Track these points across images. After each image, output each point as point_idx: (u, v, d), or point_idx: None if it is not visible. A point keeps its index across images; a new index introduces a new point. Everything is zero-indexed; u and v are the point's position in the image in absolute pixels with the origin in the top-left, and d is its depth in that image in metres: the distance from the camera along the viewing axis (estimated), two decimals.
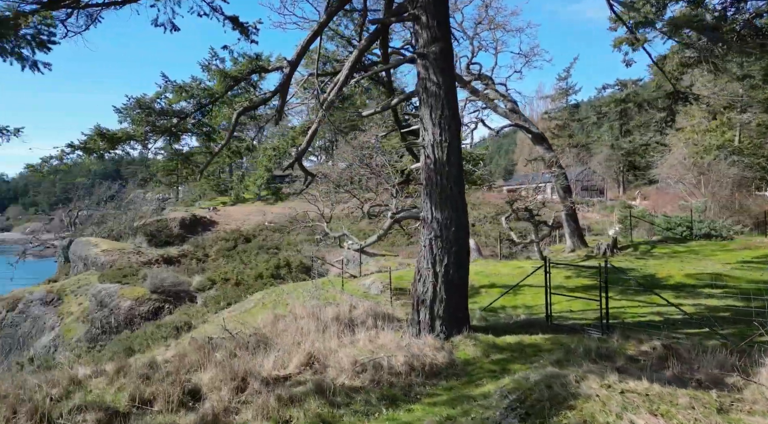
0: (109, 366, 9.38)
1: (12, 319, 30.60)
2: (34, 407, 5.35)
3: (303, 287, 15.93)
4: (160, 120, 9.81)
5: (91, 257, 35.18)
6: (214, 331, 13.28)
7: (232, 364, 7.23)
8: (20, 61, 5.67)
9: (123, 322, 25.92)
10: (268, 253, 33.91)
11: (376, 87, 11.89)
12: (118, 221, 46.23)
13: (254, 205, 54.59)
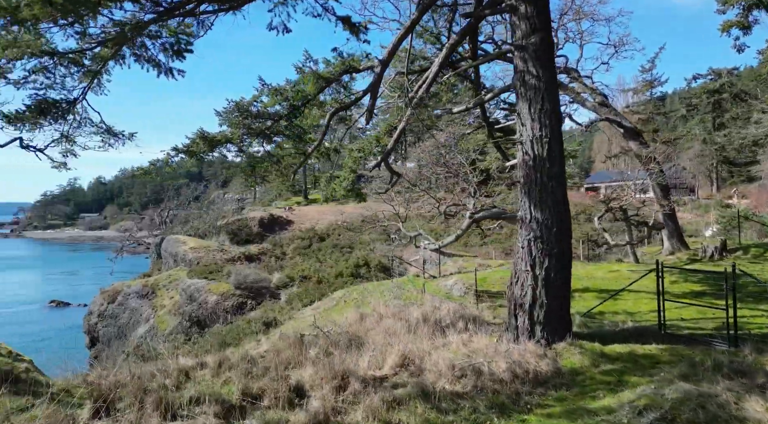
0: (209, 358, 9.83)
1: (113, 310, 33.43)
2: (159, 398, 5.63)
3: (383, 287, 15.96)
4: (255, 123, 10.13)
5: (180, 253, 37.67)
6: (301, 328, 13.62)
7: (330, 362, 7.29)
8: (156, 68, 6.07)
9: (210, 316, 27.46)
10: (341, 252, 34.58)
11: (463, 83, 11.64)
12: (203, 220, 49.14)
13: (327, 205, 55.97)
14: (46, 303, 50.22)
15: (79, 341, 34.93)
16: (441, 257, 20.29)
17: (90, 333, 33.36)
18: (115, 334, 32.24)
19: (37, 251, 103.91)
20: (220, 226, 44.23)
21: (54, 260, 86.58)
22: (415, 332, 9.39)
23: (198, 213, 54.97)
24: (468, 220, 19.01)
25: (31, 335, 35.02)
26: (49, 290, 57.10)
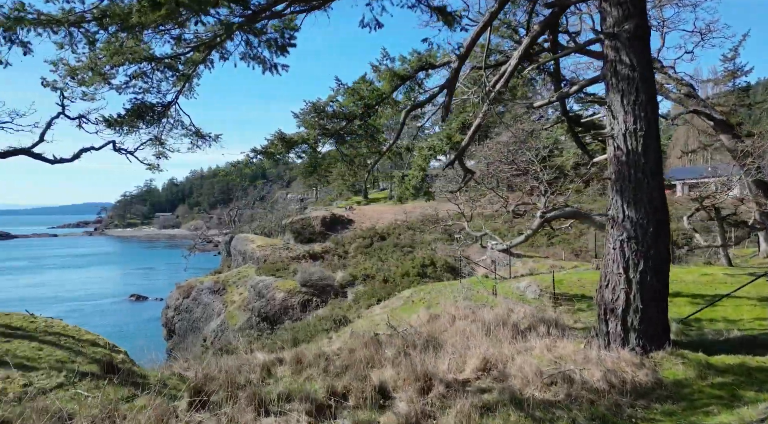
0: (286, 355, 10.02)
1: (187, 305, 35.31)
2: (253, 393, 5.75)
3: (451, 287, 15.70)
4: (330, 123, 10.21)
5: (249, 251, 39.16)
6: (371, 326, 13.65)
7: (411, 364, 7.19)
8: (261, 65, 6.27)
9: (278, 312, 28.31)
10: (402, 251, 34.54)
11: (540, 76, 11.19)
12: (268, 219, 50.85)
13: (386, 205, 56.26)
14: (126, 297, 53.88)
15: (158, 333, 37.20)
16: (509, 257, 19.71)
17: (167, 326, 35.40)
18: (189, 327, 34.03)
19: (117, 248, 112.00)
20: (284, 225, 45.54)
21: (132, 257, 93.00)
22: (494, 335, 9.09)
23: (263, 212, 57.10)
24: (539, 219, 18.34)
25: (115, 326, 37.74)
26: (128, 284, 61.25)
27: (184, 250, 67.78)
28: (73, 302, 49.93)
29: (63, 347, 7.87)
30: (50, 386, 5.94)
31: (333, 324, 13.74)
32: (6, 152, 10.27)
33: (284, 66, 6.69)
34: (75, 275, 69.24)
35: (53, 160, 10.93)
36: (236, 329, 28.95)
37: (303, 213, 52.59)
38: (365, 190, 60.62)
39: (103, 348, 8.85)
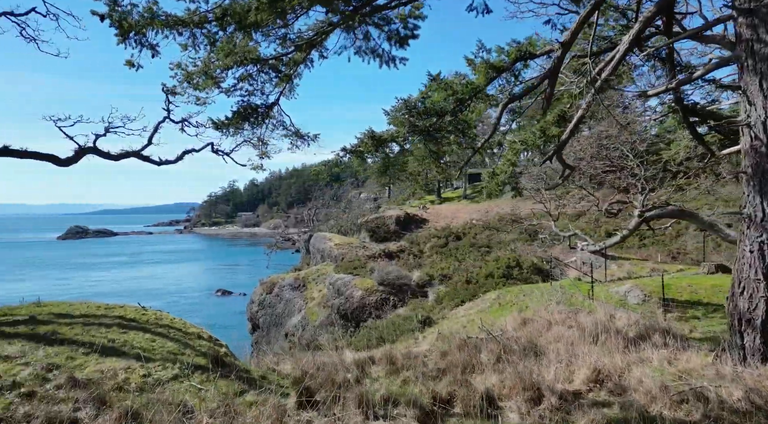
0: (377, 354, 9.93)
1: (270, 300, 36.83)
2: (360, 394, 5.64)
3: (541, 289, 14.94)
4: (420, 120, 9.99)
5: (327, 249, 40.14)
6: (457, 328, 13.30)
7: (516, 371, 6.77)
8: (378, 58, 6.25)
9: (356, 309, 28.70)
10: (479, 251, 33.72)
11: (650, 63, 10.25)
12: (344, 218, 51.84)
13: (460, 203, 55.38)
14: (213, 291, 57.30)
15: (243, 326, 39.17)
16: (600, 259, 18.46)
17: (252, 320, 37.11)
18: (272, 321, 35.47)
19: (204, 245, 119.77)
20: (360, 224, 46.18)
21: (217, 253, 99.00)
22: (603, 343, 8.41)
23: (337, 212, 58.38)
24: (636, 219, 17.01)
25: (205, 319, 40.23)
26: (214, 279, 65.12)
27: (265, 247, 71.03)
28: (168, 295, 53.92)
29: (172, 338, 8.28)
30: (166, 378, 6.20)
31: (418, 325, 13.54)
32: (119, 155, 11.08)
33: (403, 59, 6.58)
34: (168, 270, 74.83)
35: (159, 162, 11.65)
36: (316, 325, 29.71)
37: (377, 212, 53.07)
38: (438, 189, 60.06)
39: (207, 341, 9.23)
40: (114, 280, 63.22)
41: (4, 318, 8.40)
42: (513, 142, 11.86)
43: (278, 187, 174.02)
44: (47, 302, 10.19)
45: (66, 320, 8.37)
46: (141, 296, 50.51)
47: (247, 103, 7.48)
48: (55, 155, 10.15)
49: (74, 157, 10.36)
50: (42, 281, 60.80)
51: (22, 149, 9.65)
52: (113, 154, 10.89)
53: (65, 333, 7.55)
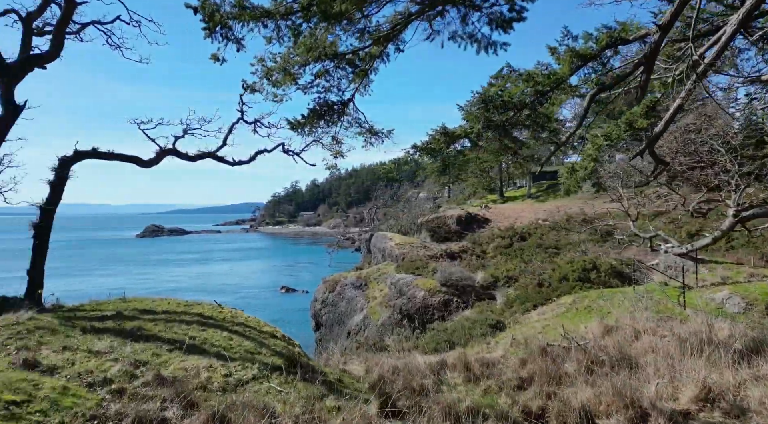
0: (450, 359, 9.54)
1: (333, 299, 37.27)
2: (447, 405, 5.32)
3: (623, 294, 13.91)
4: (496, 114, 9.49)
5: (388, 249, 40.07)
6: (532, 334, 12.63)
7: (614, 385, 6.17)
8: (476, 43, 5.97)
9: (419, 310, 28.36)
10: (547, 252, 32.30)
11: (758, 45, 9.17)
12: (403, 218, 51.64)
13: (524, 203, 53.52)
14: (277, 288, 58.99)
15: (306, 323, 39.97)
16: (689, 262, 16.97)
17: (315, 317, 37.75)
18: (335, 320, 35.86)
19: (268, 244, 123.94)
20: (420, 223, 45.81)
21: (280, 252, 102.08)
22: (707, 357, 7.55)
23: (394, 211, 58.25)
24: (731, 219, 15.53)
25: (270, 315, 41.40)
26: (278, 277, 67.07)
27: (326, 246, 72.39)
28: (236, 291, 56.17)
29: (248, 337, 8.33)
30: (247, 378, 6.16)
31: (489, 329, 13.00)
32: (196, 156, 11.43)
33: (504, 44, 6.20)
34: (235, 267, 78.05)
35: (233, 163, 11.90)
36: (379, 325, 29.67)
37: (437, 212, 52.43)
38: (501, 188, 58.46)
39: (281, 340, 9.23)
40: (187, 276, 66.79)
41: (93, 313, 8.79)
42: (595, 136, 11.06)
43: (338, 187, 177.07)
44: (131, 298, 10.63)
45: (149, 317, 8.63)
46: (211, 292, 52.89)
47: (323, 100, 7.36)
48: (138, 157, 10.63)
49: (156, 159, 10.78)
50: (124, 276, 65.31)
51: (108, 151, 10.15)
52: (191, 155, 11.25)
53: (149, 329, 7.75)
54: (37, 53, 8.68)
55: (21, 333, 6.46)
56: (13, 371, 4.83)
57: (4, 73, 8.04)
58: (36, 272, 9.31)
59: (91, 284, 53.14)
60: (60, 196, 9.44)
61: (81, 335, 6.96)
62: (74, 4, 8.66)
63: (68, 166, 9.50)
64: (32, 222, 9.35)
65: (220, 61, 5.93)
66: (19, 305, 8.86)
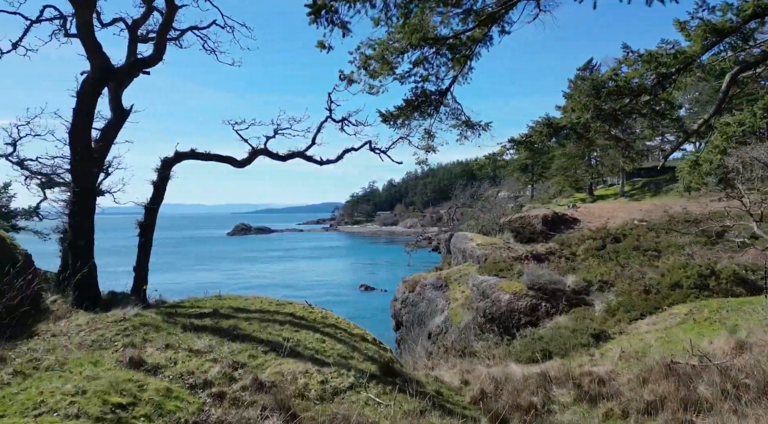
0: (551, 371, 8.68)
1: (413, 299, 36.89)
2: None
3: (753, 304, 12.10)
4: (607, 102, 8.50)
5: (468, 250, 38.99)
6: (642, 347, 11.33)
7: None
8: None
9: (503, 314, 27.16)
10: (646, 255, 29.65)
11: None
12: (485, 217, 50.10)
13: (617, 202, 49.77)
14: (357, 287, 59.80)
15: (385, 322, 40.01)
16: None
17: (395, 317, 37.61)
18: (415, 320, 35.46)
19: (347, 243, 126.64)
20: (502, 223, 44.18)
21: (359, 250, 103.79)
22: None
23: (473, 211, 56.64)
24: None
25: (351, 313, 41.92)
26: (357, 275, 68.06)
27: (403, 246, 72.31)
28: (317, 288, 57.72)
29: (340, 340, 8.07)
30: (343, 386, 5.84)
31: (591, 339, 11.86)
32: (286, 155, 11.46)
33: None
34: (317, 264, 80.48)
35: (321, 162, 11.82)
36: (461, 327, 28.83)
37: (520, 211, 50.28)
38: (591, 186, 54.87)
39: (373, 344, 8.89)
40: (272, 272, 69.86)
41: (192, 310, 8.95)
42: (726, 124, 9.63)
43: (414, 186, 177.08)
44: (226, 296, 10.83)
45: (244, 315, 8.64)
46: (295, 288, 54.76)
47: (420, 89, 6.92)
48: (232, 157, 10.84)
49: (248, 159, 10.94)
50: (216, 271, 69.71)
51: (205, 152, 10.44)
52: (281, 154, 11.30)
53: (245, 329, 7.71)
54: (142, 58, 9.12)
55: (127, 330, 6.60)
56: (120, 370, 4.83)
57: (112, 78, 8.48)
58: (141, 269, 9.75)
59: (188, 279, 57.16)
60: (162, 195, 9.84)
61: (182, 333, 7.02)
62: (175, 8, 8.98)
63: (170, 166, 9.88)
64: (138, 221, 9.82)
65: (327, 48, 5.69)
66: (126, 300, 9.25)
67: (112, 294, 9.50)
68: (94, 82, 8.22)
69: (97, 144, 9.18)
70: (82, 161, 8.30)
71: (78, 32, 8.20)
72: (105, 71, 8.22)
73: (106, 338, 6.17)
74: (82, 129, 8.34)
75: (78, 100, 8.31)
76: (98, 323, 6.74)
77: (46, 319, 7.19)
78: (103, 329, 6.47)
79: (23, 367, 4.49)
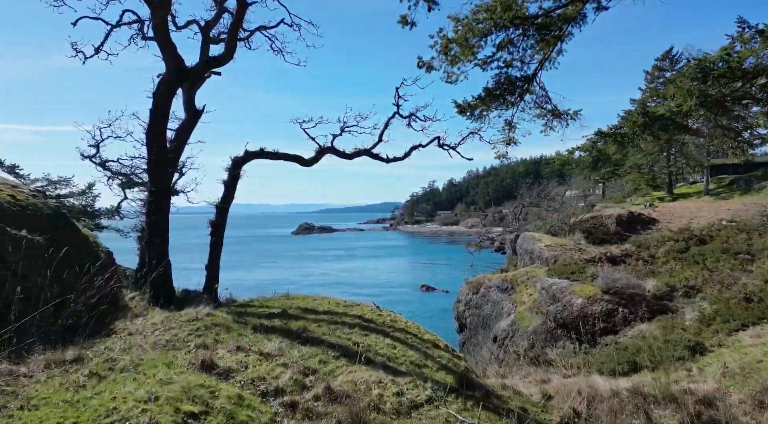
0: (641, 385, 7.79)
1: (477, 301, 35.84)
2: None
3: None
4: (714, 87, 7.47)
5: (536, 251, 37.34)
6: (749, 363, 10.04)
7: None
8: None
9: (576, 319, 25.64)
10: (737, 259, 26.93)
11: None
12: (553, 217, 47.92)
13: (700, 201, 45.90)
14: (418, 287, 59.28)
15: (447, 323, 39.30)
16: None
17: (459, 319, 36.76)
18: (479, 323, 34.43)
19: (406, 242, 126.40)
20: (572, 224, 42.02)
21: (418, 250, 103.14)
22: None
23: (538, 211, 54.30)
24: None
25: (412, 313, 41.53)
26: (418, 275, 67.57)
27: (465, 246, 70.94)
28: (378, 287, 57.83)
29: (411, 346, 7.65)
30: (420, 400, 5.40)
31: (686, 352, 10.66)
32: (353, 153, 11.21)
33: None
34: (377, 263, 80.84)
35: (387, 159, 11.46)
36: (529, 332, 27.54)
37: (591, 211, 47.60)
38: (670, 184, 51.03)
39: (445, 351, 8.40)
40: (334, 270, 70.96)
41: (261, 310, 8.85)
42: None
43: (476, 185, 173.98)
44: (294, 295, 10.72)
45: (312, 316, 8.43)
46: (357, 287, 55.20)
47: (504, 76, 6.35)
48: (300, 156, 10.74)
49: (316, 157, 10.80)
50: (281, 269, 71.88)
51: (274, 151, 10.40)
52: (348, 153, 11.07)
53: (314, 331, 7.47)
54: (214, 56, 9.20)
55: (200, 330, 6.53)
56: (192, 374, 4.68)
57: (186, 78, 8.60)
58: (213, 268, 9.85)
59: (255, 276, 59.24)
60: (233, 194, 9.91)
61: (252, 334, 6.89)
62: (246, 5, 8.99)
63: (240, 165, 9.92)
64: (210, 220, 9.94)
65: (409, 24, 5.30)
66: (199, 298, 9.32)
67: (185, 292, 9.66)
68: (169, 82, 8.35)
69: (172, 144, 9.36)
70: (158, 162, 8.46)
71: (154, 33, 8.37)
72: (179, 72, 8.32)
73: (180, 338, 6.12)
74: (158, 130, 8.49)
75: (154, 101, 8.48)
76: (172, 321, 6.74)
77: (124, 316, 7.31)
78: (176, 328, 6.44)
79: (99, 368, 4.43)
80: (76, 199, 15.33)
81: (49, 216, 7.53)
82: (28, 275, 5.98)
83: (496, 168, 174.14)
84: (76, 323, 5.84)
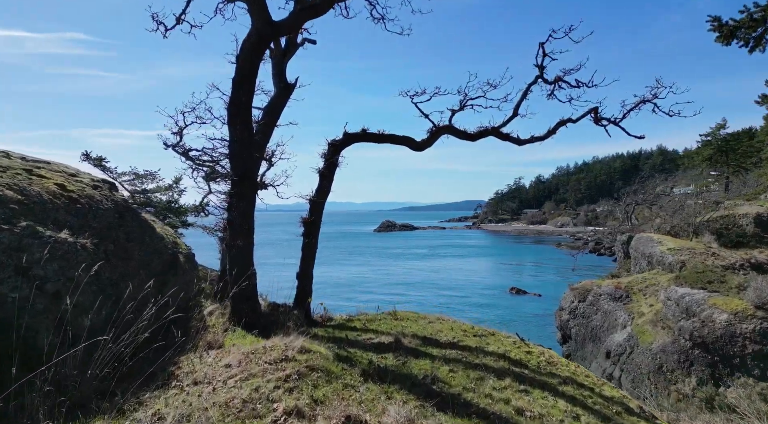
0: None
1: (584, 309, 31.83)
2: None
3: None
4: None
5: (656, 255, 32.43)
6: None
7: None
8: None
9: (720, 339, 21.23)
10: None
11: None
12: (675, 217, 42.01)
13: None
14: (506, 289, 55.34)
15: (543, 329, 35.69)
16: None
17: (562, 329, 32.96)
18: (587, 334, 30.47)
19: (490, 241, 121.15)
20: (698, 223, 36.29)
21: (503, 250, 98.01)
22: None
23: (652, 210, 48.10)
24: None
25: (501, 318, 38.20)
26: (505, 277, 63.47)
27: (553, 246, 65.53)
28: (464, 289, 54.78)
29: (596, 411, 5.06)
30: None
31: None
32: (477, 133, 8.76)
33: None
34: (461, 263, 77.62)
35: (520, 141, 8.87)
36: (654, 350, 23.39)
37: (718, 209, 41.09)
38: None
39: (639, 418, 5.68)
40: (418, 269, 68.88)
41: (367, 338, 6.68)
42: None
43: (566, 183, 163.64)
44: (401, 313, 8.52)
45: (437, 351, 6.10)
46: (443, 288, 52.63)
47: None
48: (411, 138, 8.50)
49: (430, 138, 8.48)
50: (366, 266, 71.16)
51: (378, 132, 8.25)
52: (470, 132, 8.63)
53: (448, 382, 5.11)
54: (309, 4, 7.21)
55: (290, 378, 4.45)
56: None
57: (276, 33, 6.73)
58: (305, 277, 7.91)
59: (342, 273, 58.58)
60: (329, 186, 7.95)
61: (362, 385, 4.72)
62: None
63: (338, 150, 7.92)
64: (303, 217, 8.04)
65: None
66: (288, 315, 7.38)
67: (273, 307, 7.81)
68: (257, 41, 6.49)
69: (260, 123, 7.54)
70: (241, 141, 6.64)
71: None
72: (267, 25, 6.43)
73: (263, 395, 4.09)
74: (243, 102, 6.67)
75: (237, 67, 6.68)
76: (253, 362, 4.74)
77: (194, 346, 5.43)
78: (259, 376, 4.42)
79: None
80: (163, 194, 14.48)
81: (109, 211, 5.87)
82: (62, 294, 4.21)
83: (589, 164, 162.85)
84: (119, 366, 3.98)
